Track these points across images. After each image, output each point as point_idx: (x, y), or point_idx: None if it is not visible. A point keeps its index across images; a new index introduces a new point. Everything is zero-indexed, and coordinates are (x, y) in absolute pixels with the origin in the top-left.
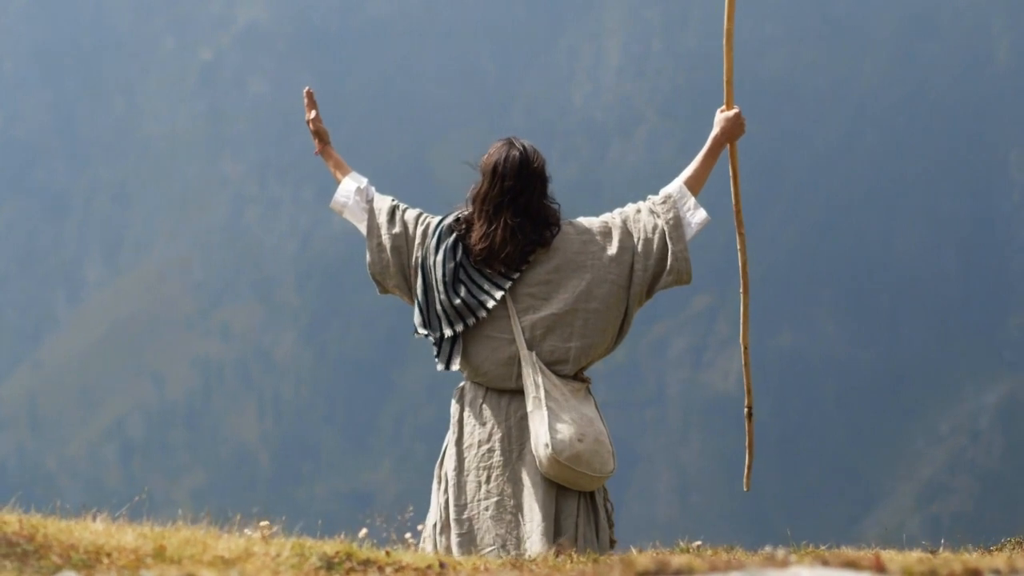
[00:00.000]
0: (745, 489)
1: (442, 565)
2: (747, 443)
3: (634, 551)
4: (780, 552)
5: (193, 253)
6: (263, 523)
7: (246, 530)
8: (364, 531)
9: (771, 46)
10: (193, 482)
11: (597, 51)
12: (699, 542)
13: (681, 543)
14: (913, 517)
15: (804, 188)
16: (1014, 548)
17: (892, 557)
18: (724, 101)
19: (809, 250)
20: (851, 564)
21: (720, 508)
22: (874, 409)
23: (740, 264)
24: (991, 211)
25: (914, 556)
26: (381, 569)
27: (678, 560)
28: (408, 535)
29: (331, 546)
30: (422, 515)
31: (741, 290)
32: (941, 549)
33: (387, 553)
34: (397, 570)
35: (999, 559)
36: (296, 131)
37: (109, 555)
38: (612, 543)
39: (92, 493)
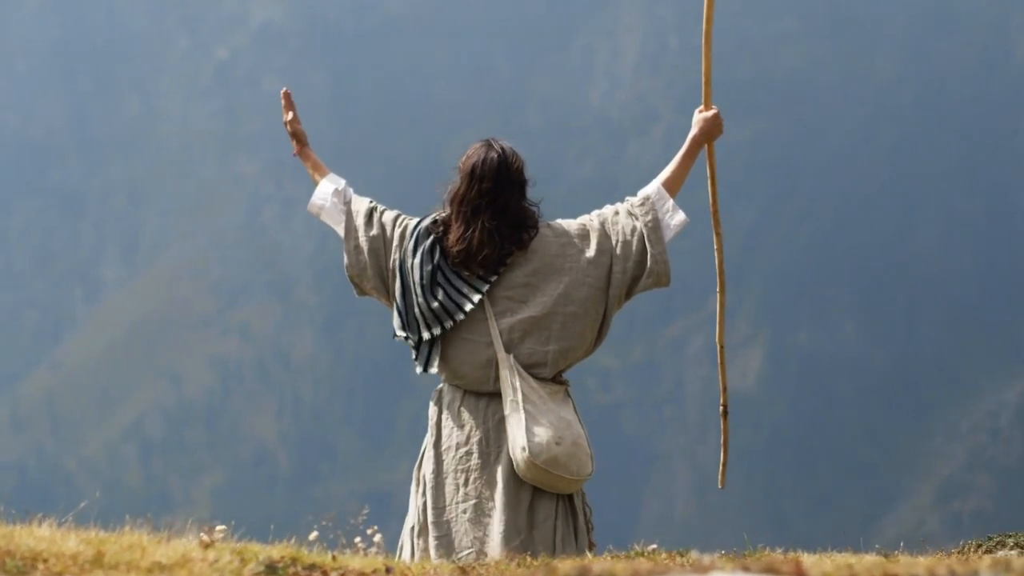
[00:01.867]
0: (720, 486)
1: (388, 570)
2: (723, 441)
3: (608, 554)
4: (706, 557)
5: (210, 252)
6: (218, 527)
7: (202, 535)
8: (315, 534)
9: (785, 43)
10: (212, 482)
11: (613, 49)
12: (654, 545)
13: (636, 546)
14: (932, 516)
15: (819, 186)
16: (971, 551)
17: (819, 562)
18: (702, 101)
19: (825, 248)
20: (771, 569)
21: (738, 507)
22: (892, 408)
23: (717, 263)
24: (1008, 208)
25: (870, 560)
26: (325, 573)
27: (599, 566)
28: (358, 539)
29: (278, 550)
30: (374, 518)
31: (718, 289)
32: (962, 547)
33: (333, 557)
34: (343, 575)
35: (940, 564)
36: (311, 129)
37: (46, 561)
38: (591, 546)
39: (111, 493)
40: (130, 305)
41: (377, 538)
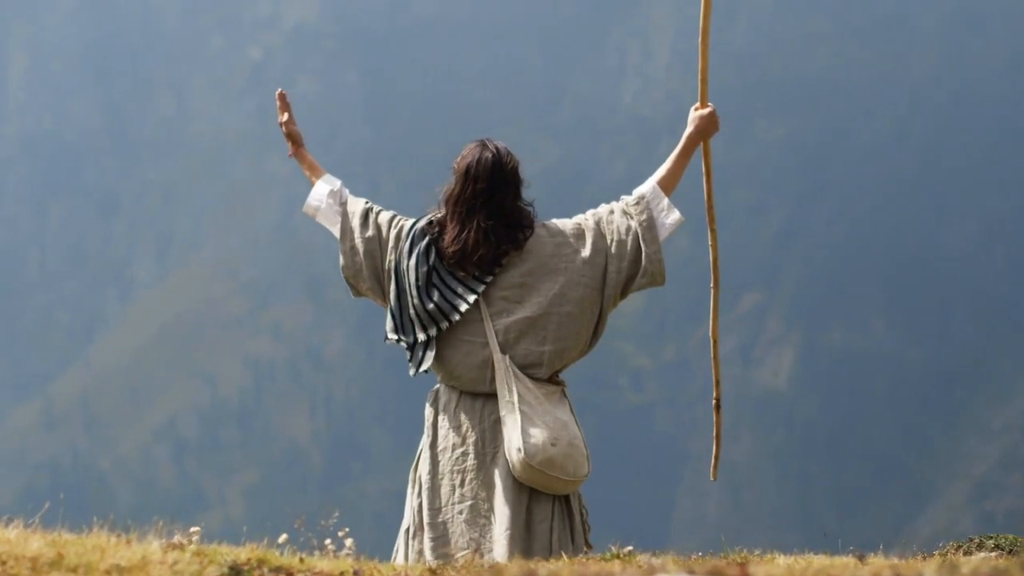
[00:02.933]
0: (712, 479)
1: (356, 572)
2: (715, 434)
3: (610, 553)
4: (657, 560)
5: (242, 252)
6: (193, 529)
7: (177, 536)
8: (284, 536)
9: (818, 42)
10: (245, 481)
11: (645, 48)
12: (631, 547)
13: (612, 548)
14: (966, 515)
15: (852, 185)
16: (949, 552)
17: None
18: (699, 98)
19: (857, 247)
20: (716, 572)
21: (771, 506)
22: (925, 406)
23: (711, 259)
24: None
25: (842, 561)
26: None
27: (545, 568)
28: (328, 541)
29: (245, 552)
30: (345, 520)
31: (711, 285)
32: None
33: (301, 560)
34: None
35: (885, 567)
36: (345, 130)
37: (4, 563)
38: (588, 547)
39: (145, 493)
40: (163, 305)
41: (348, 541)
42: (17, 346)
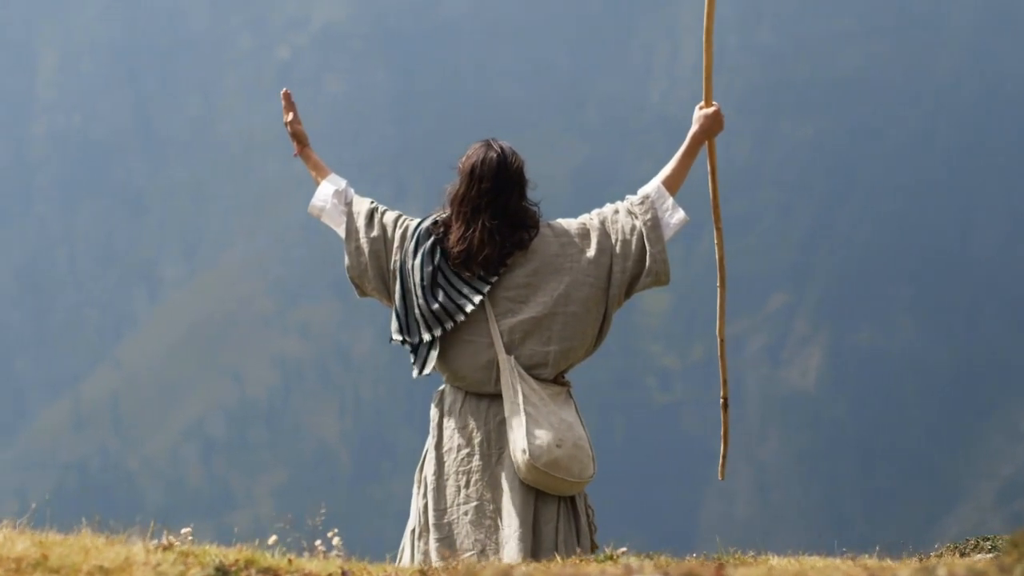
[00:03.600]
0: (720, 478)
1: (344, 573)
2: (722, 434)
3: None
4: (634, 561)
5: (271, 252)
6: (184, 530)
7: (166, 537)
8: (274, 537)
9: (846, 41)
10: (274, 481)
11: (672, 48)
12: (624, 548)
13: (607, 549)
14: (994, 515)
15: (880, 185)
16: (944, 554)
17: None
18: (703, 97)
19: (885, 247)
20: (690, 573)
21: (799, 506)
22: (953, 406)
23: (717, 258)
24: None
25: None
26: None
27: (520, 570)
28: (318, 542)
29: (233, 553)
30: (333, 520)
31: (718, 284)
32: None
33: (289, 561)
34: None
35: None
36: (372, 130)
37: None
38: (594, 547)
39: (174, 493)
40: (192, 304)
41: (336, 541)
42: (46, 345)
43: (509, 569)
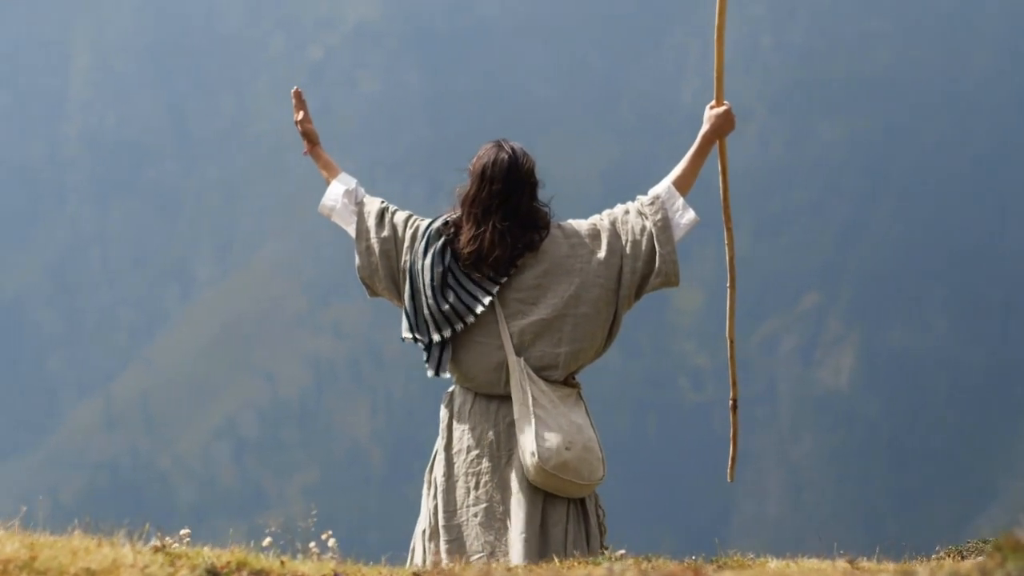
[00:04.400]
0: (729, 481)
1: (336, 575)
2: (732, 435)
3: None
4: (617, 565)
5: (303, 251)
6: (183, 531)
7: (166, 539)
8: (268, 540)
9: (879, 41)
10: (306, 480)
11: (704, 47)
12: (623, 550)
13: (605, 550)
14: None
15: (914, 185)
16: (944, 557)
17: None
18: (714, 96)
19: (918, 247)
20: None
21: (832, 506)
22: (986, 407)
23: (728, 259)
24: None
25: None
26: None
27: (500, 571)
28: (312, 544)
29: (226, 555)
30: (326, 523)
31: (728, 285)
32: None
33: (282, 563)
34: None
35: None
36: (406, 129)
37: None
38: (603, 549)
39: (205, 492)
40: (224, 303)
41: (331, 543)
42: (78, 345)
43: (490, 570)
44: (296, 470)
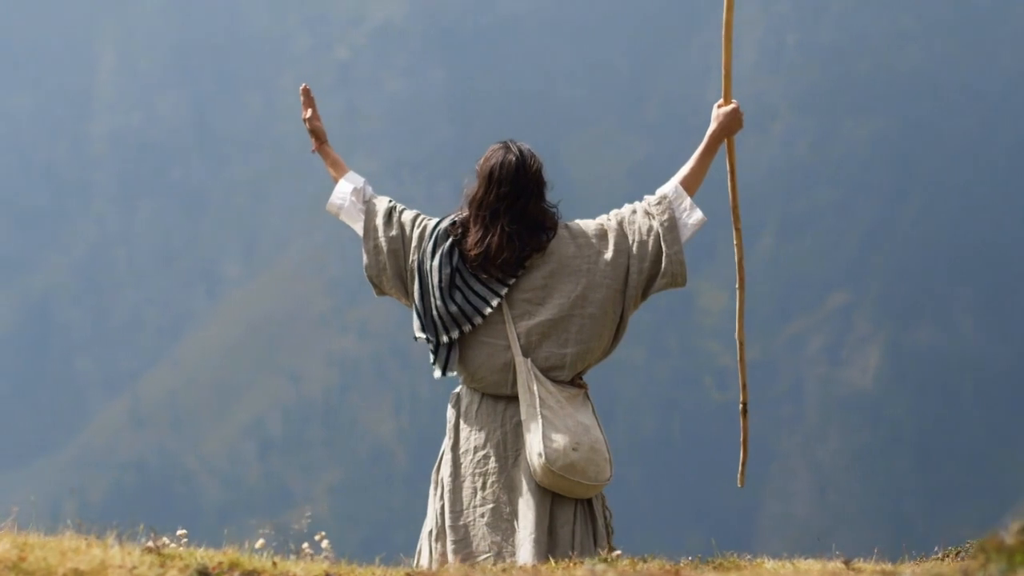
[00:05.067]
0: (739, 485)
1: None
2: (742, 439)
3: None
4: (599, 566)
5: (329, 250)
6: (180, 531)
7: (164, 539)
8: (261, 541)
9: (907, 39)
10: (331, 479)
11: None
12: (619, 551)
13: (601, 552)
14: None
15: (940, 183)
16: (945, 557)
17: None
18: (722, 95)
19: (946, 246)
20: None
21: (859, 506)
22: (1013, 406)
23: (736, 259)
24: None
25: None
26: None
27: (481, 572)
28: (305, 544)
29: (218, 556)
30: (320, 524)
31: (737, 286)
32: None
33: (274, 563)
34: None
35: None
36: (432, 129)
37: None
38: (611, 550)
39: (231, 491)
40: (250, 303)
41: (324, 544)
42: (105, 344)
43: (471, 571)
44: (321, 469)
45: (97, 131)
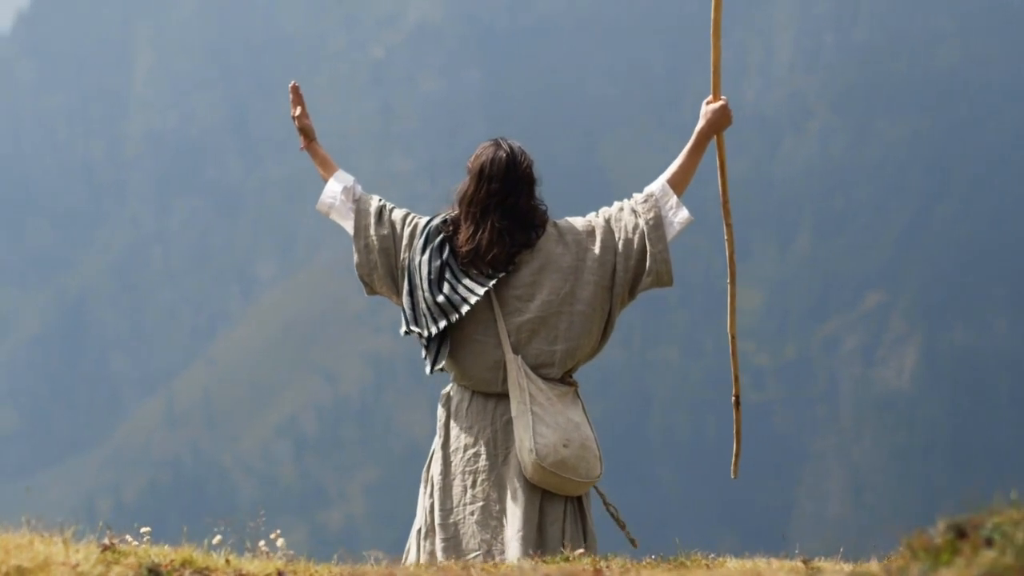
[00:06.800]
0: (732, 477)
1: (280, 574)
2: (735, 432)
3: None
4: (526, 563)
5: None
6: (143, 529)
7: (121, 536)
8: (218, 538)
9: (943, 40)
10: (366, 478)
11: (768, 46)
12: (581, 550)
13: (564, 551)
14: None
15: (977, 184)
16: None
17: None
18: (711, 91)
19: (981, 247)
20: (568, 574)
21: (893, 505)
22: None
23: (727, 254)
24: None
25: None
26: None
27: (404, 571)
28: (262, 543)
29: (172, 554)
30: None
31: (728, 280)
32: None
33: (227, 561)
34: None
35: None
36: (466, 128)
37: None
38: (632, 542)
39: (266, 490)
40: (285, 302)
41: (280, 542)
42: (141, 343)
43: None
44: (356, 468)
45: (133, 131)
